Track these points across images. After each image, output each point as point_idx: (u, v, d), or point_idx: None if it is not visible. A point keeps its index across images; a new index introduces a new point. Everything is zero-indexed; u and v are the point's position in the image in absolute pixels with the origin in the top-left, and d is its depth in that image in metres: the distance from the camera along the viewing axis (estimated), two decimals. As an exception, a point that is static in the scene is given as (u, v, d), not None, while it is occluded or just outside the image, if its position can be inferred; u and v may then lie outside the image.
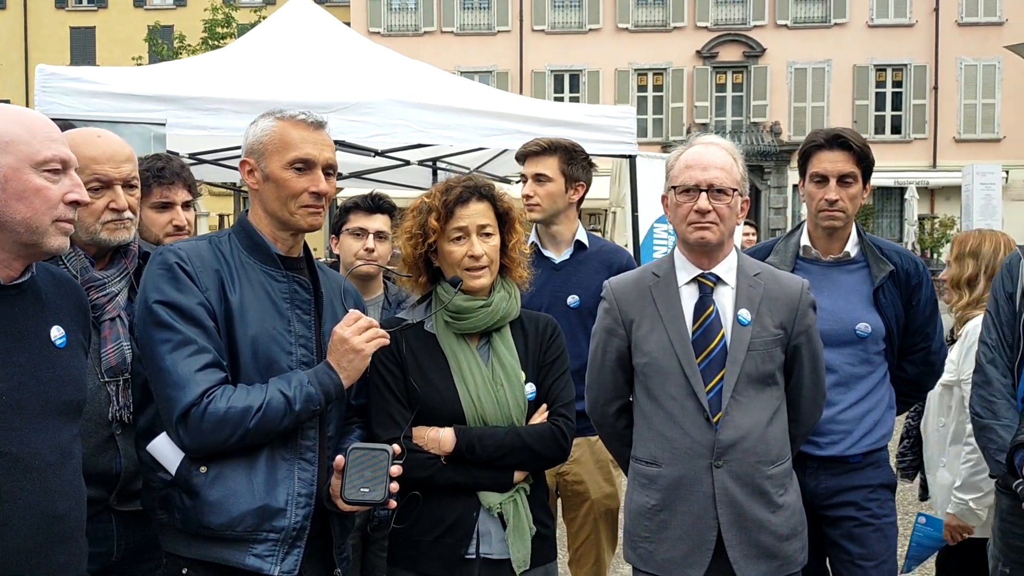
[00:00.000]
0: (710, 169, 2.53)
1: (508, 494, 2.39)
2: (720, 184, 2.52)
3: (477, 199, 2.44)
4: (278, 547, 2.13)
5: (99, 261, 2.45)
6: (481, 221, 2.42)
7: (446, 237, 2.43)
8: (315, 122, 2.27)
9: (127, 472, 2.35)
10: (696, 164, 2.55)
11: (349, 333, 2.21)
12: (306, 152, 2.22)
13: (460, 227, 2.41)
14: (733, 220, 2.57)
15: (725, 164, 2.56)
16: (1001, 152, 27.73)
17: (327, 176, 2.26)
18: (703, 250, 2.58)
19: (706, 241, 2.54)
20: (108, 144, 2.44)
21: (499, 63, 30.65)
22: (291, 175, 2.22)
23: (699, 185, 2.52)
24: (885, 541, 2.91)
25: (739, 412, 2.50)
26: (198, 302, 2.13)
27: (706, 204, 2.51)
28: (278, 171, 2.22)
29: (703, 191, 2.52)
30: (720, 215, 2.53)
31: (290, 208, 2.24)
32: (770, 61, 30.21)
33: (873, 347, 2.96)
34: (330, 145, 2.29)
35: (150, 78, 5.41)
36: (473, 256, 2.39)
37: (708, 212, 2.51)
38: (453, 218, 2.42)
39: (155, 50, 29.13)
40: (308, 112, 2.28)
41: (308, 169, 2.23)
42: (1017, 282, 2.78)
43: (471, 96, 6.15)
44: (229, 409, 2.07)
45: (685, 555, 2.51)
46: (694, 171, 2.54)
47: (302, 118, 2.26)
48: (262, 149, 2.25)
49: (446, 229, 2.42)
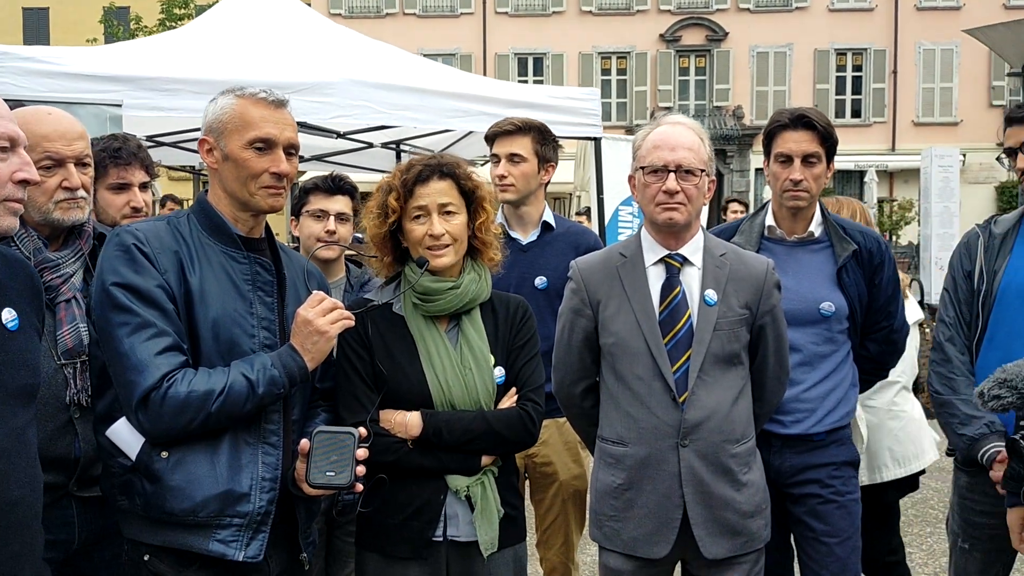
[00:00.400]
0: (678, 149, 2.53)
1: (476, 477, 2.37)
2: (688, 164, 2.52)
3: (438, 177, 2.40)
4: (242, 532, 2.10)
5: (53, 242, 2.39)
6: (442, 200, 2.39)
7: (408, 216, 2.40)
8: (276, 100, 2.21)
9: (86, 457, 2.30)
10: (664, 144, 2.54)
11: (313, 315, 2.17)
12: (267, 131, 2.17)
13: (420, 206, 2.38)
14: (700, 200, 2.58)
15: (693, 144, 2.55)
16: (959, 135, 28.13)
17: (288, 156, 2.22)
18: (671, 231, 2.58)
19: (674, 222, 2.54)
20: (59, 121, 2.37)
21: (462, 46, 30.47)
22: (251, 155, 2.17)
23: (667, 165, 2.52)
24: (848, 518, 2.94)
25: (705, 392, 2.51)
26: (156, 284, 2.08)
27: (675, 185, 2.51)
28: (238, 150, 2.17)
29: (671, 171, 2.51)
30: (688, 195, 2.52)
31: (250, 189, 2.19)
32: (733, 45, 30.34)
33: (837, 326, 2.98)
34: (292, 124, 2.25)
35: (106, 58, 5.29)
36: (432, 235, 2.36)
37: (676, 193, 2.51)
38: (413, 197, 2.38)
39: (111, 31, 28.56)
40: (269, 90, 2.22)
41: (269, 149, 2.18)
42: (975, 261, 2.81)
43: (435, 77, 6.10)
44: (190, 393, 2.03)
45: (651, 533, 2.53)
46: (662, 151, 2.53)
47: (263, 96, 2.20)
48: (221, 127, 2.19)
49: (407, 208, 2.39)
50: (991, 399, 2.04)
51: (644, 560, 2.56)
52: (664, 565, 2.61)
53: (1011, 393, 2.01)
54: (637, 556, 2.56)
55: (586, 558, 4.64)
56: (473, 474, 2.38)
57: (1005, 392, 2.02)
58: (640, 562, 2.57)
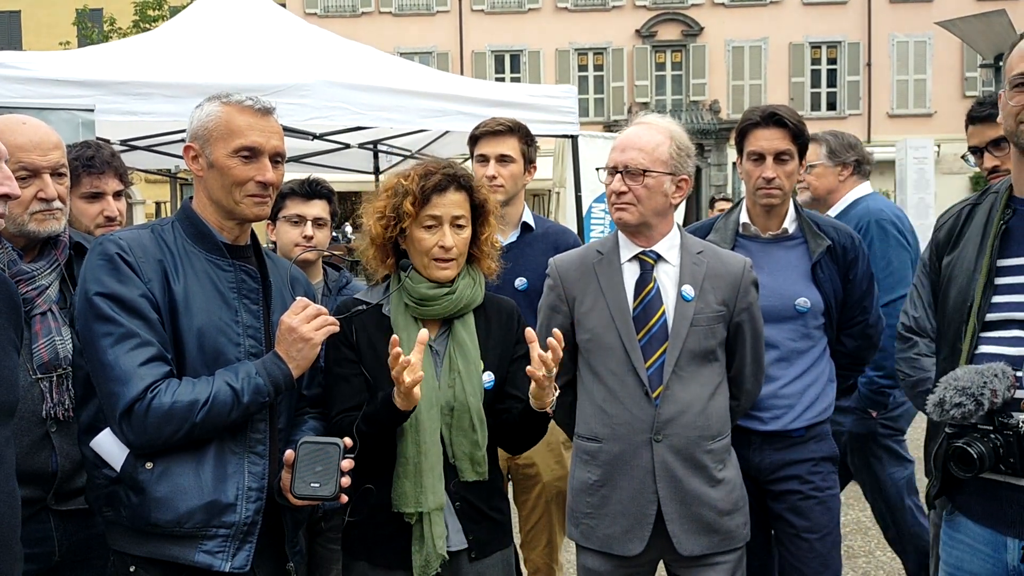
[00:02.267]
0: (628, 151, 2.57)
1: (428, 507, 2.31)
2: (635, 165, 2.55)
3: (455, 189, 2.38)
4: (229, 543, 2.09)
5: (28, 253, 2.36)
6: (456, 212, 2.37)
7: (418, 223, 2.37)
8: (263, 108, 2.20)
9: (64, 471, 2.28)
10: (619, 146, 2.60)
11: (297, 321, 2.16)
12: (252, 140, 2.16)
13: (434, 215, 2.36)
14: (656, 200, 2.58)
15: (646, 145, 2.57)
16: (933, 126, 28.36)
17: (275, 164, 2.20)
18: (625, 230, 2.62)
19: (624, 221, 2.58)
20: (35, 131, 2.35)
21: (439, 44, 30.40)
22: (236, 163, 2.16)
23: (616, 167, 2.57)
24: (828, 513, 2.96)
25: (680, 387, 2.53)
26: (140, 293, 2.06)
27: (620, 185, 2.56)
28: (223, 159, 2.16)
29: (619, 172, 2.56)
30: (636, 195, 2.55)
31: (235, 197, 2.17)
32: (708, 40, 30.45)
33: (813, 322, 3.00)
34: (278, 132, 2.23)
35: (78, 62, 5.23)
36: (444, 247, 2.35)
37: (623, 193, 2.55)
38: (429, 205, 2.36)
39: (84, 34, 28.29)
40: (256, 97, 2.20)
41: (254, 157, 2.16)
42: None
43: (410, 77, 6.08)
44: (174, 403, 2.01)
45: (626, 530, 2.54)
46: (615, 152, 2.60)
47: (249, 104, 2.18)
48: (207, 135, 2.18)
49: (420, 215, 2.36)
50: (953, 407, 2.04)
51: (621, 559, 2.56)
52: (642, 564, 2.61)
53: (971, 400, 2.03)
54: (613, 554, 2.56)
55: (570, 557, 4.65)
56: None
57: (966, 400, 2.03)
58: (617, 561, 2.57)
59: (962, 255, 2.26)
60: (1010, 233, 2.16)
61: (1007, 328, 2.12)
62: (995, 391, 2.01)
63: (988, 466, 2.03)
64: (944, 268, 2.32)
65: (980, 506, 2.15)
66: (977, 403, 2.01)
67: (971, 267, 2.20)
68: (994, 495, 2.10)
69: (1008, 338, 2.11)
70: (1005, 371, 2.03)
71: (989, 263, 2.16)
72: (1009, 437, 2.02)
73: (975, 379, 2.02)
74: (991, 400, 2.01)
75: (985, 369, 2.04)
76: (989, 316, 2.15)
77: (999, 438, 2.02)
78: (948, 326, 2.26)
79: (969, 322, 2.17)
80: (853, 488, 6.21)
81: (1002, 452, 2.02)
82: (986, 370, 2.03)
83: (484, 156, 3.48)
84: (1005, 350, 2.11)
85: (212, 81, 4.80)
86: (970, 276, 2.20)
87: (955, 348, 2.20)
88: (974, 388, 2.01)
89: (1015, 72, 2.09)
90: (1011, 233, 2.16)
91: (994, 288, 2.15)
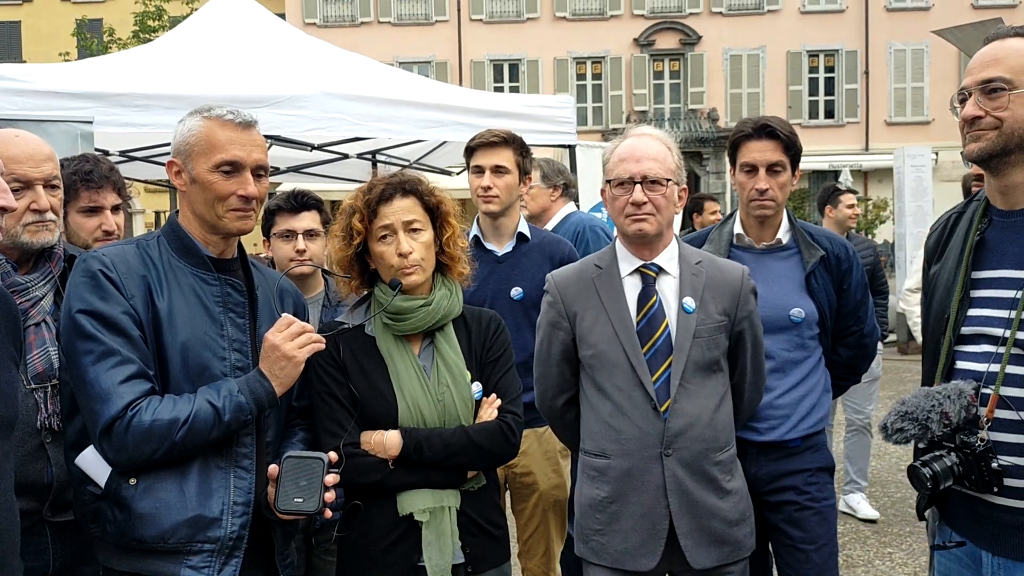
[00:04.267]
0: (643, 160, 2.54)
1: (439, 503, 2.33)
2: (654, 175, 2.53)
3: (401, 195, 2.38)
4: (214, 557, 2.08)
5: (22, 265, 2.36)
6: (406, 217, 2.37)
7: (374, 237, 2.38)
8: (243, 122, 2.18)
9: (59, 482, 2.28)
10: (630, 156, 2.56)
11: (280, 339, 2.14)
12: (233, 154, 2.15)
13: (385, 225, 2.36)
14: (671, 210, 2.59)
15: (658, 155, 2.57)
16: (931, 134, 28.44)
17: (257, 178, 2.19)
18: (642, 241, 2.59)
19: (644, 232, 2.55)
20: (27, 143, 2.35)
21: (438, 53, 30.47)
22: (218, 178, 2.15)
23: (633, 177, 2.54)
24: (825, 524, 2.96)
25: (687, 400, 2.51)
26: (122, 311, 2.05)
27: (641, 196, 2.52)
28: (204, 174, 2.15)
29: (637, 183, 2.53)
30: (656, 205, 2.54)
31: (217, 211, 2.17)
32: (706, 48, 30.54)
33: (807, 332, 3.00)
34: (260, 145, 2.22)
35: (76, 74, 5.24)
36: (401, 253, 2.34)
37: (644, 203, 2.53)
38: (377, 217, 2.36)
39: (84, 44, 28.34)
40: (236, 111, 2.19)
41: (236, 172, 2.16)
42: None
43: (408, 88, 6.09)
44: (154, 422, 2.00)
45: (638, 545, 2.51)
46: (628, 164, 2.55)
47: (230, 118, 2.17)
48: (188, 150, 2.17)
49: (372, 229, 2.37)
50: (894, 432, 2.05)
51: (632, 573, 2.53)
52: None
53: (913, 425, 2.03)
54: (625, 570, 2.53)
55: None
56: (458, 487, 2.36)
57: (908, 425, 2.03)
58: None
59: (944, 266, 2.24)
60: (985, 244, 2.14)
61: (978, 342, 2.10)
62: (946, 413, 1.99)
63: (945, 484, 2.03)
64: (931, 278, 2.31)
65: (961, 519, 2.15)
66: (923, 427, 2.01)
67: (951, 278, 2.19)
68: (973, 510, 2.10)
69: (978, 353, 2.09)
70: (963, 391, 2.02)
71: (964, 275, 2.14)
72: (968, 456, 2.01)
73: (922, 404, 2.02)
74: (942, 423, 2.00)
75: (938, 392, 2.03)
76: (963, 330, 2.13)
77: (958, 456, 2.02)
78: (931, 337, 2.25)
79: (946, 335, 2.15)
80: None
81: (961, 470, 2.02)
82: (938, 392, 2.02)
83: (479, 167, 3.49)
84: (974, 365, 2.09)
85: (211, 93, 4.81)
86: (949, 288, 2.18)
87: (935, 360, 2.19)
88: (918, 413, 2.01)
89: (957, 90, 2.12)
90: (986, 244, 2.14)
91: (970, 301, 2.13)
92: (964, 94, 2.07)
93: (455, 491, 2.36)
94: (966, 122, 2.06)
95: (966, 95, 2.07)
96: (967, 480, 2.02)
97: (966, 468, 2.01)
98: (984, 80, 2.02)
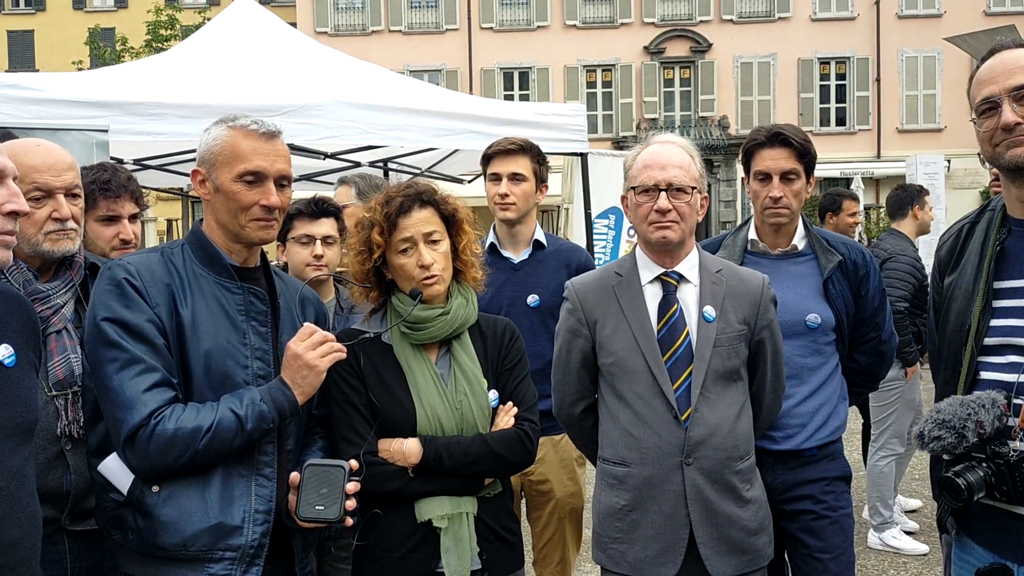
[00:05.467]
0: (668, 168, 2.53)
1: (457, 509, 2.33)
2: (679, 183, 2.52)
3: (419, 206, 2.39)
4: (235, 565, 2.08)
5: (43, 273, 2.37)
6: (426, 228, 2.37)
7: (393, 250, 2.38)
8: (267, 132, 2.19)
9: (78, 490, 2.28)
10: (655, 163, 2.55)
11: (302, 349, 2.15)
12: (256, 164, 2.16)
13: (405, 238, 2.36)
14: (694, 218, 2.57)
15: (683, 162, 2.56)
16: (943, 141, 28.32)
17: (280, 188, 2.20)
18: (665, 249, 2.57)
19: (667, 240, 2.54)
20: (48, 153, 2.36)
21: (448, 61, 30.55)
22: (241, 188, 2.16)
23: (658, 184, 2.52)
24: (842, 533, 2.94)
25: (708, 409, 2.50)
26: (147, 319, 2.07)
27: (666, 203, 2.51)
28: (228, 183, 2.16)
29: (662, 190, 2.51)
30: (680, 213, 2.53)
31: (240, 221, 2.18)
32: (716, 56, 30.52)
33: (823, 338, 2.98)
34: (284, 155, 2.23)
35: (92, 84, 5.29)
36: (423, 265, 2.35)
37: (668, 211, 2.51)
38: (397, 230, 2.36)
39: (96, 53, 28.55)
40: (261, 121, 2.21)
41: (259, 182, 2.17)
42: None
43: (421, 96, 6.12)
44: (178, 430, 2.01)
45: (657, 554, 2.50)
46: (653, 171, 2.54)
47: (254, 128, 2.18)
48: (212, 159, 2.19)
49: (392, 242, 2.37)
50: (931, 440, 2.02)
51: None
52: None
53: (950, 434, 2.01)
54: None
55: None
56: (476, 494, 2.37)
57: (945, 433, 2.01)
58: None
59: (962, 276, 2.22)
60: (1006, 254, 2.13)
61: (1003, 353, 2.08)
62: (981, 422, 1.97)
63: (978, 496, 2.00)
64: (945, 289, 2.28)
65: (985, 531, 2.13)
66: (959, 436, 1.99)
67: (970, 288, 2.17)
68: (998, 521, 2.08)
69: (1004, 364, 2.07)
70: (995, 400, 2.00)
71: (986, 285, 2.12)
72: (1001, 466, 1.99)
73: (958, 412, 2.00)
74: (976, 432, 1.98)
75: (972, 400, 2.01)
76: (987, 340, 2.11)
77: (991, 467, 2.00)
78: (948, 348, 2.23)
79: (967, 346, 2.13)
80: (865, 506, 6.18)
81: (994, 481, 2.00)
82: (973, 401, 2.00)
83: (497, 175, 3.50)
84: (1001, 376, 2.07)
85: (224, 102, 4.84)
86: (969, 298, 2.16)
87: (955, 372, 2.17)
88: (955, 421, 1.99)
89: (978, 100, 2.08)
90: (1007, 254, 2.12)
91: (992, 311, 2.11)
92: (992, 102, 2.05)
93: (472, 497, 2.37)
94: (1004, 129, 2.03)
95: (996, 103, 2.05)
96: (998, 491, 2.00)
97: (998, 479, 1.99)
98: (1016, 87, 2.02)
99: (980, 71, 2.11)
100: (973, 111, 2.12)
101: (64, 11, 37.21)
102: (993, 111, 2.05)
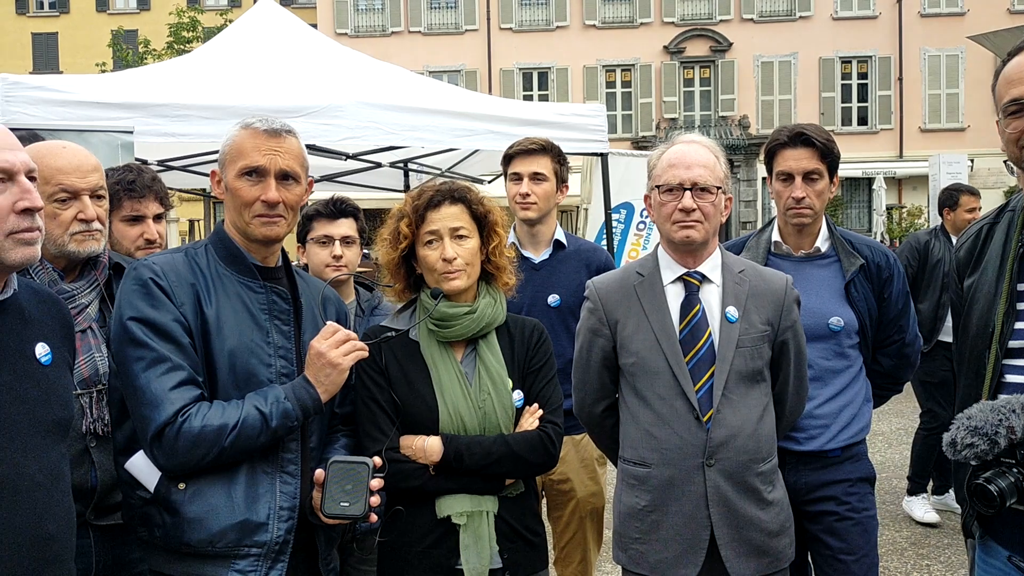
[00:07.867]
0: (694, 167, 2.52)
1: (477, 507, 2.34)
2: (704, 182, 2.51)
3: (450, 202, 2.41)
4: (261, 562, 2.10)
5: (69, 273, 2.41)
6: (453, 224, 2.39)
7: (420, 242, 2.41)
8: (271, 129, 2.22)
9: (103, 486, 2.32)
10: (680, 163, 2.54)
11: (326, 347, 2.17)
12: (255, 160, 2.19)
13: (432, 231, 2.39)
14: (718, 218, 2.56)
15: (708, 162, 2.55)
16: (966, 141, 28.08)
17: (284, 184, 2.22)
18: (688, 249, 2.56)
19: (691, 240, 2.53)
20: (74, 155, 2.40)
21: (467, 62, 30.61)
22: (242, 184, 2.19)
23: (683, 184, 2.51)
24: (866, 535, 2.92)
25: (730, 410, 2.48)
26: (173, 318, 2.09)
27: (691, 203, 2.50)
28: (232, 180, 2.21)
29: (687, 190, 2.50)
30: (705, 213, 2.51)
31: (245, 217, 2.21)
32: (737, 55, 30.40)
33: (847, 341, 2.97)
34: (288, 151, 2.23)
35: (116, 86, 5.34)
36: (445, 258, 2.37)
37: (693, 210, 2.50)
38: (425, 222, 2.39)
39: (119, 55, 28.79)
40: (268, 120, 2.24)
41: (259, 177, 2.19)
42: None
43: (441, 97, 6.13)
44: (204, 428, 2.03)
45: (678, 555, 2.50)
46: (678, 170, 2.53)
47: (259, 126, 2.22)
48: (223, 159, 2.24)
49: (419, 234, 2.40)
50: (964, 447, 1.99)
51: None
52: None
53: (983, 440, 1.98)
54: None
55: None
56: (496, 494, 2.37)
57: (978, 440, 1.98)
58: None
59: (983, 278, 2.19)
60: None
61: None
62: (1012, 427, 1.95)
63: (1010, 501, 1.98)
64: (966, 291, 2.25)
65: (1010, 535, 2.10)
66: (992, 442, 1.96)
67: (992, 291, 2.14)
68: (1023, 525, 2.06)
69: None
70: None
71: (1009, 288, 2.09)
72: None
73: (989, 418, 1.97)
74: (1008, 437, 1.96)
75: (1003, 405, 1.98)
76: (1012, 343, 2.08)
77: (1021, 472, 1.98)
78: (971, 351, 2.20)
79: (991, 349, 2.10)
80: (888, 508, 6.14)
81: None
82: (1003, 406, 1.97)
83: (518, 174, 3.51)
84: None
85: (247, 103, 4.88)
86: (991, 301, 2.13)
87: (979, 375, 2.14)
88: (987, 428, 1.96)
89: (1006, 100, 2.05)
90: None
91: (1016, 314, 2.08)
92: (1021, 104, 2.01)
93: (493, 496, 2.37)
94: None
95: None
96: None
97: None
98: None
99: (1007, 69, 2.07)
100: (999, 111, 2.09)
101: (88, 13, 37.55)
102: (1021, 112, 2.02)
